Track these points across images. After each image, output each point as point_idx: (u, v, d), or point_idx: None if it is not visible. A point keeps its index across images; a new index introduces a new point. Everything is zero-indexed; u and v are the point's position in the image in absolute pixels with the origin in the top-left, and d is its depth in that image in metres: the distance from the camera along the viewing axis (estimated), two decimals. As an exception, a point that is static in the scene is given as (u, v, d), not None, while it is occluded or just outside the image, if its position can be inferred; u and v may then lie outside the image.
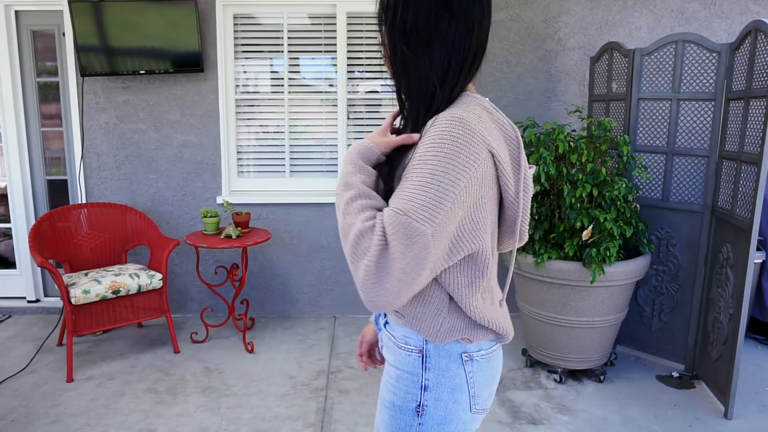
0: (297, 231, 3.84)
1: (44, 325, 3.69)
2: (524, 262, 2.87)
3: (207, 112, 3.72)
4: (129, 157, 3.76)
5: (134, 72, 3.53)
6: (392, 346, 1.15)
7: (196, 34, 3.48)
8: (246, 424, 2.58)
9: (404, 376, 1.12)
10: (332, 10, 3.68)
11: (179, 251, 3.81)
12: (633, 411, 2.71)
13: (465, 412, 1.12)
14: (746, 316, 2.54)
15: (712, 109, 2.83)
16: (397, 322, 1.13)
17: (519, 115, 3.71)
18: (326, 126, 3.84)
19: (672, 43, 2.89)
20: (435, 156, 0.94)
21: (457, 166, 0.94)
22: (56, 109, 3.81)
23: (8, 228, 3.92)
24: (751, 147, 2.51)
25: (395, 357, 1.14)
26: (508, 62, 3.71)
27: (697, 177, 2.91)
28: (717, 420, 2.62)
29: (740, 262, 2.57)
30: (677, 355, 3.07)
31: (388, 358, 1.17)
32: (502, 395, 2.84)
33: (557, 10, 3.66)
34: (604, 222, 2.70)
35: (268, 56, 3.77)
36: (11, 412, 2.67)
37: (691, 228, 2.95)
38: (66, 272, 3.35)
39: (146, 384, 2.94)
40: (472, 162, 0.96)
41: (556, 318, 2.86)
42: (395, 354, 1.14)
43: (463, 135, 0.96)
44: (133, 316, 3.21)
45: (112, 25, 3.43)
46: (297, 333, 3.64)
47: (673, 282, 3.04)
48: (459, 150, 0.95)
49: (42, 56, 3.76)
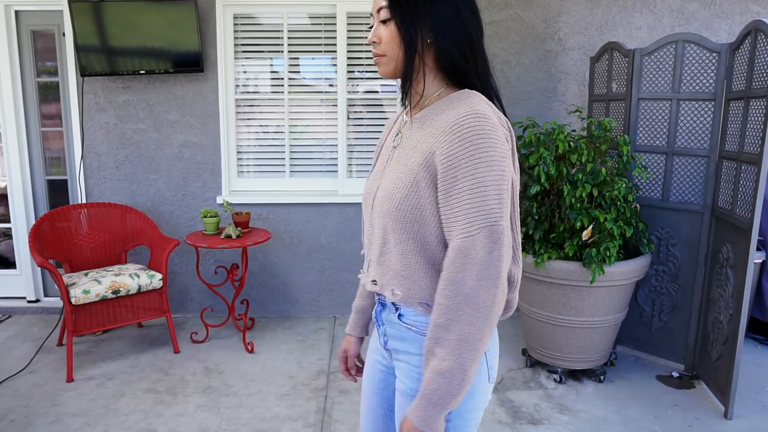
0: (297, 231, 3.84)
1: (44, 325, 3.69)
2: (524, 261, 2.87)
3: (207, 112, 3.72)
4: (129, 157, 3.76)
5: (134, 72, 3.53)
6: (413, 335, 1.17)
7: (196, 34, 3.48)
8: (246, 424, 2.58)
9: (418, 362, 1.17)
10: (332, 10, 3.68)
11: (179, 251, 3.81)
12: (633, 411, 2.71)
13: (484, 384, 1.17)
14: (746, 316, 2.54)
15: (712, 109, 2.83)
16: (422, 313, 1.14)
17: (519, 115, 3.71)
18: (326, 126, 3.84)
19: (672, 43, 2.89)
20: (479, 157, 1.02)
21: (498, 159, 1.03)
22: (56, 109, 3.81)
23: (8, 228, 3.92)
24: (751, 147, 2.51)
25: (419, 344, 1.15)
26: (508, 62, 3.71)
27: (697, 177, 2.91)
28: (717, 420, 2.62)
29: (740, 262, 2.57)
30: (677, 355, 3.07)
31: (406, 348, 1.19)
32: (502, 395, 2.84)
33: (557, 10, 3.66)
34: (604, 222, 2.70)
35: (268, 56, 3.77)
36: (11, 412, 2.67)
37: (691, 228, 2.95)
38: (66, 272, 3.35)
39: (146, 384, 2.94)
40: (505, 151, 1.05)
41: (556, 318, 2.86)
42: (418, 341, 1.15)
43: (491, 129, 1.04)
44: (133, 316, 3.21)
45: (112, 25, 3.43)
46: (297, 333, 3.64)
47: (673, 282, 3.04)
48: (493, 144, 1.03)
49: (42, 56, 3.76)
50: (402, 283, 1.14)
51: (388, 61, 1.15)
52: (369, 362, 1.37)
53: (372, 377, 1.35)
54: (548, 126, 2.94)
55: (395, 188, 1.12)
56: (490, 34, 3.68)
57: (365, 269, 1.27)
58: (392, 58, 1.14)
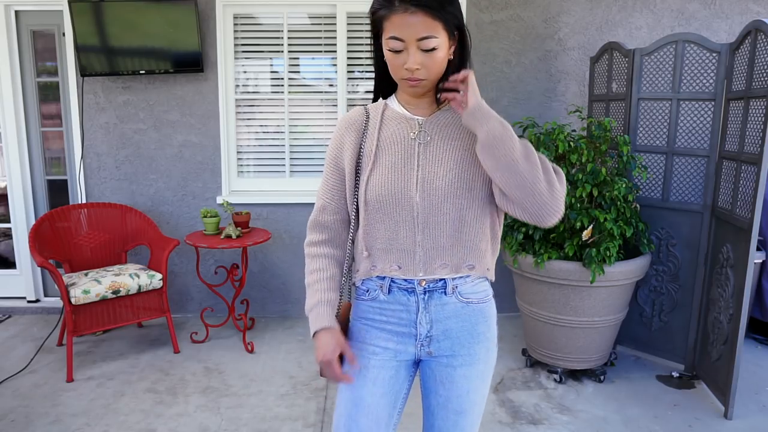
0: (297, 231, 3.84)
1: (44, 325, 3.69)
2: (524, 261, 2.87)
3: (207, 112, 3.72)
4: (129, 157, 3.76)
5: (134, 72, 3.53)
6: (473, 308, 1.31)
7: (196, 34, 3.48)
8: (246, 424, 2.58)
9: (491, 328, 1.36)
10: (332, 10, 3.68)
11: (179, 251, 3.81)
12: (633, 411, 2.71)
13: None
14: (746, 316, 2.54)
15: (712, 109, 2.83)
16: (484, 280, 1.35)
17: (519, 115, 3.70)
18: (326, 126, 3.84)
19: (672, 43, 2.89)
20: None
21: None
22: (56, 109, 3.81)
23: (8, 228, 3.92)
24: (751, 147, 2.51)
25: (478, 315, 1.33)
26: (508, 62, 3.71)
27: (697, 177, 2.91)
28: (717, 420, 2.62)
29: (740, 262, 2.57)
30: (677, 355, 3.07)
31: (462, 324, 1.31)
32: (502, 395, 2.84)
33: (557, 10, 3.66)
34: (604, 222, 2.70)
35: (268, 56, 3.77)
36: (11, 412, 2.67)
37: (691, 228, 2.94)
38: (66, 272, 3.34)
39: (146, 384, 2.94)
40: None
41: (556, 318, 2.86)
42: (478, 312, 1.33)
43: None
44: (133, 316, 3.21)
45: (112, 25, 3.43)
46: (297, 333, 3.64)
47: (673, 282, 3.04)
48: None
49: (42, 56, 3.76)
50: (476, 256, 1.30)
51: (429, 84, 1.25)
52: (373, 364, 1.31)
53: (380, 378, 1.30)
54: (548, 126, 2.94)
55: (463, 171, 1.26)
56: (490, 34, 3.68)
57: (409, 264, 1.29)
58: (432, 81, 1.24)
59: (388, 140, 1.30)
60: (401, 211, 1.27)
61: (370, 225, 1.30)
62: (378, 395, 1.31)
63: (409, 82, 1.23)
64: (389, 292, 1.31)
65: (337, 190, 1.36)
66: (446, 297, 1.29)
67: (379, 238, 1.30)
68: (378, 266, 1.31)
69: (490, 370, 1.37)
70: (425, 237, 1.27)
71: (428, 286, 1.29)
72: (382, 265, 1.30)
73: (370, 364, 1.32)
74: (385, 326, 1.33)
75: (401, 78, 1.24)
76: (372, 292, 1.34)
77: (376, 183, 1.27)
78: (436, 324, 1.30)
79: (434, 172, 1.26)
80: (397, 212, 1.27)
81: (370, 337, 1.33)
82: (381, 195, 1.27)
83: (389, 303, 1.32)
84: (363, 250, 1.32)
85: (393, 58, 1.21)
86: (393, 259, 1.29)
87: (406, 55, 1.19)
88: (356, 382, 1.31)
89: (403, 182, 1.26)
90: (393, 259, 1.29)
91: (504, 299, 3.98)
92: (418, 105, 1.32)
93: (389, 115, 1.33)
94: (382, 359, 1.32)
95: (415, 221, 1.27)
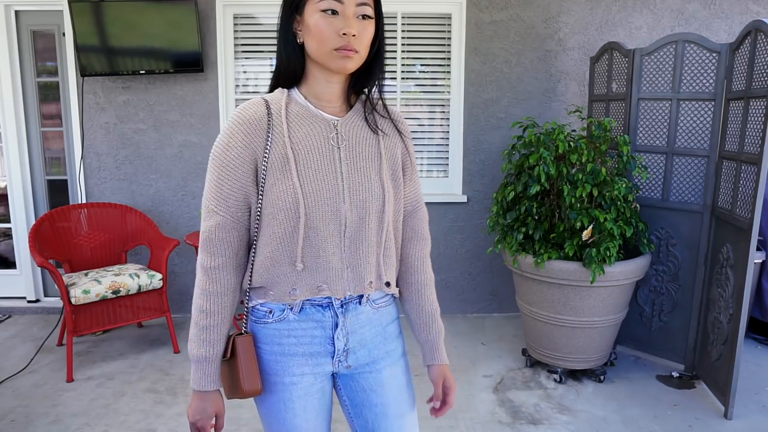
0: (297, 231, 3.83)
1: (44, 325, 3.69)
2: (524, 261, 2.87)
3: (207, 112, 3.72)
4: (129, 157, 3.76)
5: (134, 72, 3.53)
6: (383, 310, 1.28)
7: (196, 34, 3.48)
8: (246, 424, 2.58)
9: (398, 324, 1.32)
10: (332, 10, 3.68)
11: (179, 251, 3.81)
12: (633, 411, 2.71)
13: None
14: (746, 316, 2.54)
15: (712, 109, 2.83)
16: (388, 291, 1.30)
17: (519, 115, 3.71)
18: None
19: (672, 43, 2.89)
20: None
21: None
22: (56, 109, 3.81)
23: (8, 228, 3.92)
24: (751, 147, 2.51)
25: (389, 314, 1.30)
26: (508, 62, 3.71)
27: (697, 177, 2.91)
28: (717, 420, 2.62)
29: (740, 262, 2.57)
30: (677, 355, 3.07)
31: (376, 326, 1.26)
32: (502, 395, 2.84)
33: (557, 10, 3.66)
34: (604, 222, 2.70)
35: (268, 56, 3.77)
36: (11, 412, 2.67)
37: (691, 228, 2.95)
38: (66, 272, 3.35)
39: (146, 384, 2.94)
40: None
41: (556, 318, 2.86)
42: (387, 312, 1.29)
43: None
44: (133, 316, 3.21)
45: (112, 25, 3.43)
46: (297, 333, 3.63)
47: (673, 282, 3.04)
48: None
49: (42, 56, 3.76)
50: (393, 271, 1.28)
51: (359, 60, 1.12)
52: (297, 394, 1.19)
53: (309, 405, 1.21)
54: (548, 126, 2.95)
55: (383, 182, 1.19)
56: (490, 34, 3.68)
57: (336, 284, 1.16)
58: (362, 57, 1.13)
59: (302, 143, 1.13)
60: (328, 225, 1.13)
61: (286, 243, 1.12)
62: (312, 420, 1.22)
63: (343, 51, 1.07)
64: (300, 311, 1.16)
65: (234, 201, 1.13)
66: (361, 307, 1.21)
67: (299, 257, 1.12)
68: (298, 290, 1.14)
69: (408, 360, 1.34)
70: (352, 253, 1.16)
71: (345, 299, 1.19)
72: (302, 289, 1.14)
73: (293, 396, 1.19)
74: (297, 349, 1.17)
75: (332, 48, 1.08)
76: (276, 313, 1.17)
77: (298, 193, 1.10)
78: (352, 335, 1.21)
79: (359, 182, 1.15)
80: (323, 226, 1.12)
81: (282, 369, 1.18)
82: (307, 207, 1.10)
83: (300, 322, 1.17)
84: (274, 271, 1.14)
85: (327, 23, 1.07)
86: (318, 279, 1.14)
87: (343, 20, 1.07)
88: (285, 415, 1.19)
89: (331, 192, 1.12)
90: (317, 280, 1.14)
91: (504, 299, 4.00)
92: (330, 101, 1.18)
93: (296, 112, 1.15)
94: (303, 387, 1.19)
95: (342, 236, 1.14)
